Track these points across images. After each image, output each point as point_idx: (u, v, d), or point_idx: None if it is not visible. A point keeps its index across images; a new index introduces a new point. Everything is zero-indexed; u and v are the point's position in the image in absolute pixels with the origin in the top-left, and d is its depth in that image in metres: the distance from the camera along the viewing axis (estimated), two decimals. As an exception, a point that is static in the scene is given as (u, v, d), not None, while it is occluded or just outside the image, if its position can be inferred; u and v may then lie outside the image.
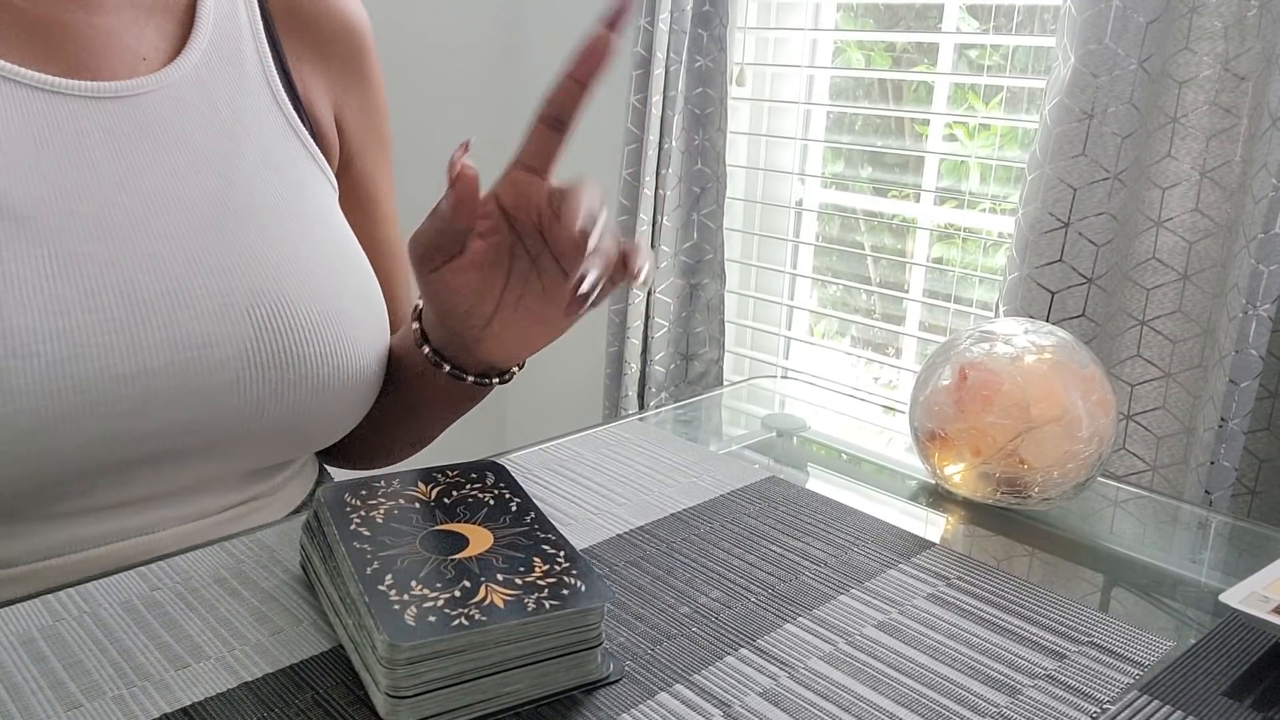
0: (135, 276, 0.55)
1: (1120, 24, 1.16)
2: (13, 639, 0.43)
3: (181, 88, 0.61)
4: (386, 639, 0.37)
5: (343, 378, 0.61)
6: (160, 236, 0.56)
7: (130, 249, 0.55)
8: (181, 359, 0.55)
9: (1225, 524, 0.63)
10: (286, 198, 0.62)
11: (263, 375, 0.58)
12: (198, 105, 0.61)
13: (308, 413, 0.60)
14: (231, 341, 0.57)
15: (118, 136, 0.57)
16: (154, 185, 0.57)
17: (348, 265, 0.64)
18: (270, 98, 0.65)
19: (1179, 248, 1.20)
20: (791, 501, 0.60)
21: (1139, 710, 0.42)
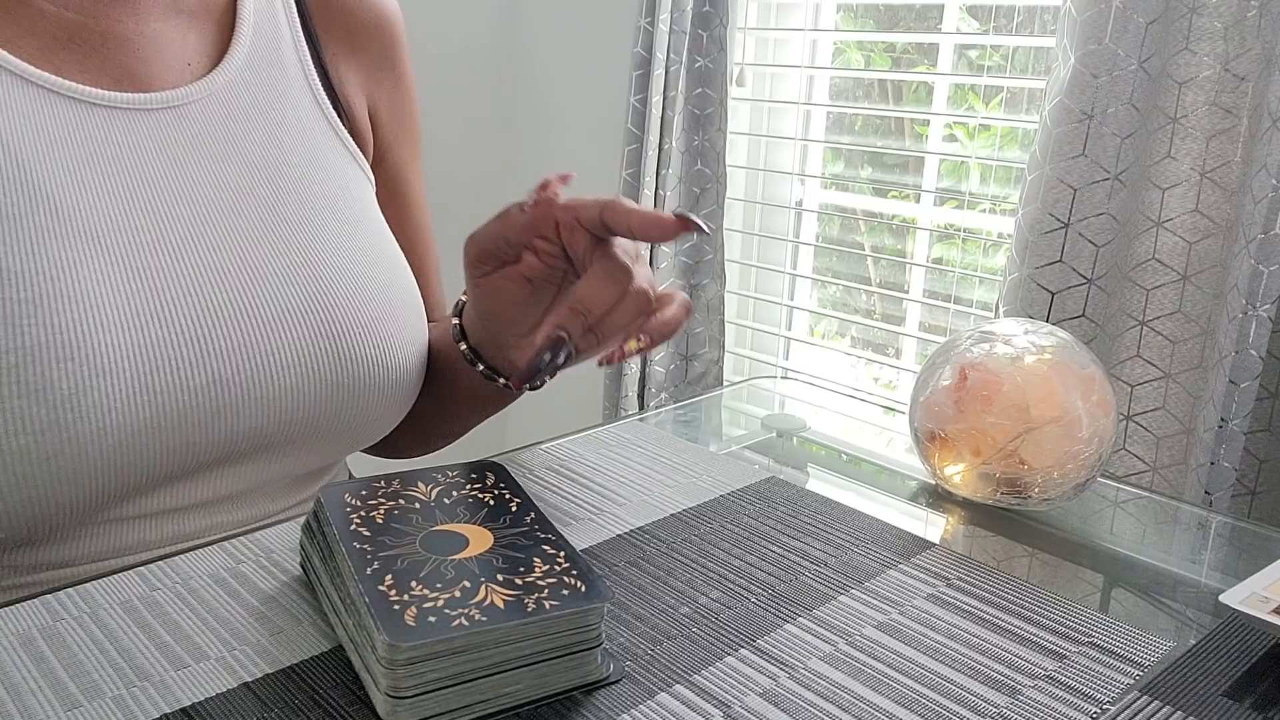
0: (201, 288, 0.56)
1: (1120, 24, 1.16)
2: (13, 639, 0.43)
3: (227, 94, 0.61)
4: (386, 639, 0.37)
5: (390, 378, 0.62)
6: (217, 247, 0.57)
7: (192, 261, 0.56)
8: (249, 367, 0.56)
9: (1225, 524, 0.63)
10: (332, 200, 0.63)
11: (320, 379, 0.59)
12: (244, 111, 0.61)
13: (357, 413, 0.61)
14: (291, 348, 0.58)
15: (170, 148, 0.58)
16: (207, 196, 0.58)
17: (390, 265, 0.65)
18: (311, 98, 0.65)
19: (1179, 248, 1.20)
20: (791, 502, 0.60)
21: (1139, 711, 0.42)
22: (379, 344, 0.61)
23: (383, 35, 0.71)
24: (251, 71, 0.63)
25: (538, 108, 2.06)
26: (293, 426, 0.59)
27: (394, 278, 0.65)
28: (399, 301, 0.64)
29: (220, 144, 0.60)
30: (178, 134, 0.58)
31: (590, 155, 1.97)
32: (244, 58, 0.63)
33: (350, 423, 0.62)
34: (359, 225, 0.64)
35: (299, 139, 0.63)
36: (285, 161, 0.62)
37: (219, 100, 0.60)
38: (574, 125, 2.01)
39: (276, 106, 0.63)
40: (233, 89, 0.61)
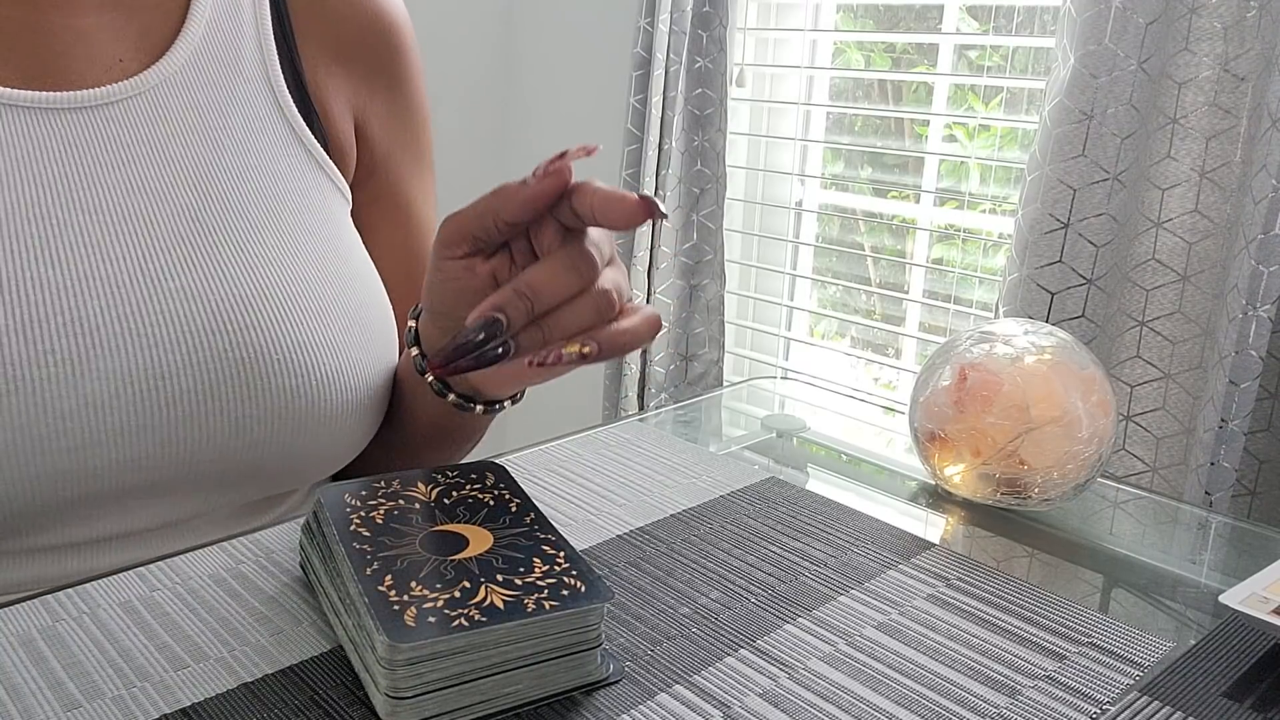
0: (83, 302, 0.51)
1: (1120, 25, 1.16)
2: (12, 639, 0.43)
3: (160, 93, 0.56)
4: (386, 640, 0.37)
5: (321, 411, 0.56)
6: (116, 258, 0.52)
7: (81, 272, 0.51)
8: (130, 392, 0.51)
9: (1225, 525, 0.63)
10: (275, 210, 0.58)
11: (222, 409, 0.53)
12: (178, 112, 0.56)
13: (282, 448, 0.56)
14: (187, 373, 0.53)
15: (79, 150, 0.53)
16: (116, 203, 0.53)
17: (344, 287, 0.59)
18: (271, 101, 0.60)
19: (1179, 248, 1.20)
20: (791, 502, 0.60)
21: (1139, 711, 0.42)
22: (302, 372, 0.55)
23: (379, 45, 0.66)
24: (195, 70, 0.58)
25: (537, 108, 2.06)
26: (191, 459, 0.54)
27: (344, 299, 0.58)
28: (345, 326, 0.58)
29: (142, 146, 0.55)
30: (89, 135, 0.53)
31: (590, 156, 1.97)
32: (188, 55, 0.58)
33: (270, 459, 0.56)
34: (306, 239, 0.58)
35: (244, 144, 0.58)
36: (220, 165, 0.56)
37: (147, 100, 0.55)
38: (574, 125, 2.01)
39: (221, 109, 0.58)
40: (167, 87, 0.56)
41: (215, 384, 0.53)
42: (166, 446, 0.53)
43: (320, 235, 0.60)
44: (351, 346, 0.58)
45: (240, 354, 0.54)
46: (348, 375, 0.58)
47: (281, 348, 0.55)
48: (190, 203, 0.55)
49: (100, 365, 0.51)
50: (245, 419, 0.54)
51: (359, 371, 0.58)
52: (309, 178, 0.61)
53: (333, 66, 0.64)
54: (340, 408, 0.57)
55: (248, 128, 0.59)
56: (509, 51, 2.08)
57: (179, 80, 0.57)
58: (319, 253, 0.59)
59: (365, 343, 0.59)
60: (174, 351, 0.52)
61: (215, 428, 0.54)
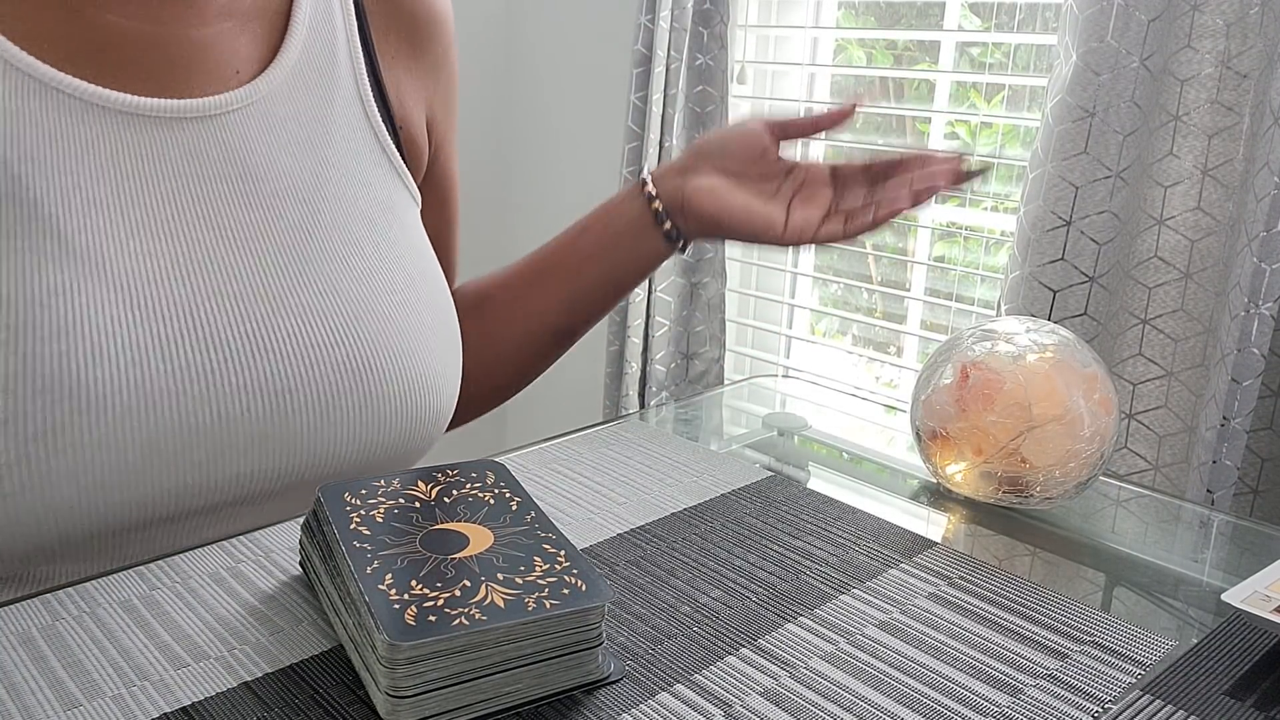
0: (213, 319, 0.52)
1: (1122, 22, 1.16)
2: (12, 638, 0.43)
3: (269, 103, 0.57)
4: (386, 638, 0.37)
5: (418, 414, 0.59)
6: (240, 275, 0.53)
7: (209, 289, 0.52)
8: (259, 406, 0.53)
9: (1227, 523, 0.63)
10: (372, 221, 0.60)
11: (341, 418, 0.56)
12: (286, 121, 0.57)
13: (382, 451, 0.59)
14: (310, 385, 0.54)
15: (201, 163, 0.54)
16: (237, 218, 0.54)
17: (429, 290, 0.62)
18: (361, 110, 0.62)
19: (1181, 246, 1.20)
20: (792, 501, 0.60)
21: (1141, 710, 0.42)
22: (407, 380, 0.58)
23: (439, 36, 0.69)
24: (299, 78, 0.59)
25: (538, 105, 2.06)
26: (305, 467, 0.56)
27: (429, 305, 0.62)
28: (432, 331, 0.61)
29: (255, 159, 0.56)
30: (210, 146, 0.54)
31: (591, 153, 1.97)
32: (293, 63, 0.59)
33: (370, 461, 0.59)
34: (400, 251, 0.61)
35: (344, 154, 0.59)
36: (326, 179, 0.58)
37: (258, 110, 0.56)
38: (574, 123, 2.01)
39: (323, 117, 0.59)
40: (276, 97, 0.57)
41: (334, 395, 0.55)
42: (290, 457, 0.55)
43: (405, 243, 0.62)
44: (439, 347, 0.61)
45: (354, 365, 0.56)
46: (439, 375, 0.61)
47: (390, 356, 0.58)
48: (301, 217, 0.56)
49: (231, 381, 0.52)
50: (362, 426, 0.57)
51: (446, 370, 0.62)
52: (392, 185, 0.63)
53: (408, 62, 0.66)
54: (433, 407, 0.61)
55: (344, 138, 0.60)
56: (510, 49, 2.08)
57: (285, 89, 0.58)
58: (408, 259, 0.61)
59: (446, 341, 0.63)
60: (296, 365, 0.54)
61: (336, 436, 0.56)
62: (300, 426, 0.54)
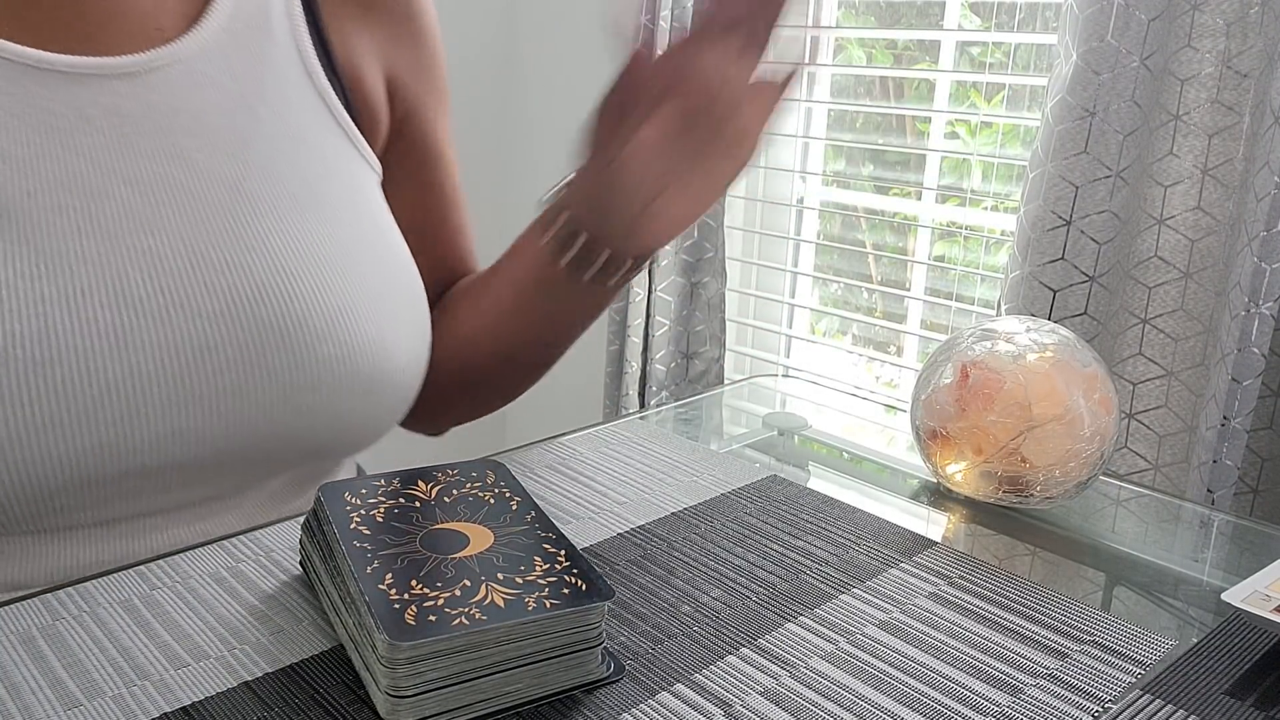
0: (127, 275, 0.51)
1: (1122, 21, 1.16)
2: (12, 638, 0.43)
3: (198, 61, 0.56)
4: (386, 638, 0.37)
5: (366, 379, 0.57)
6: (159, 230, 0.52)
7: (125, 245, 0.51)
8: (176, 364, 0.51)
9: (1227, 523, 0.63)
10: (311, 181, 0.58)
11: (268, 378, 0.54)
12: (216, 80, 0.56)
13: (324, 418, 0.56)
14: (234, 344, 0.53)
15: (123, 119, 0.53)
16: (159, 173, 0.53)
17: (378, 256, 0.60)
18: (301, 70, 0.59)
19: (1181, 245, 1.20)
20: (793, 500, 0.60)
21: (1141, 709, 0.42)
22: (347, 341, 0.56)
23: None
24: (230, 37, 0.57)
25: (538, 106, 2.06)
26: (237, 431, 0.54)
27: (381, 268, 0.59)
28: (384, 294, 0.58)
29: (182, 116, 0.54)
30: (132, 104, 0.53)
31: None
32: (223, 21, 0.57)
33: (315, 430, 0.56)
34: (342, 209, 0.58)
35: (279, 113, 0.57)
36: (259, 134, 0.56)
37: (186, 68, 0.55)
38: (574, 124, 2.01)
39: (256, 77, 0.57)
40: (205, 55, 0.56)
41: (260, 354, 0.54)
42: (213, 418, 0.53)
43: (352, 204, 0.60)
44: (388, 313, 0.59)
45: (285, 324, 0.54)
46: (387, 341, 0.58)
47: (324, 316, 0.55)
48: (230, 173, 0.55)
49: (145, 337, 0.51)
50: (291, 388, 0.55)
51: (397, 337, 0.59)
52: (338, 147, 0.61)
53: (359, 24, 0.64)
54: (381, 373, 0.58)
55: (281, 97, 0.58)
56: (510, 50, 2.08)
57: (215, 48, 0.57)
58: (352, 221, 0.59)
59: (401, 309, 0.60)
60: (219, 323, 0.53)
61: (262, 398, 0.54)
62: (224, 387, 0.53)
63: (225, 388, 0.53)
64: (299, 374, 0.55)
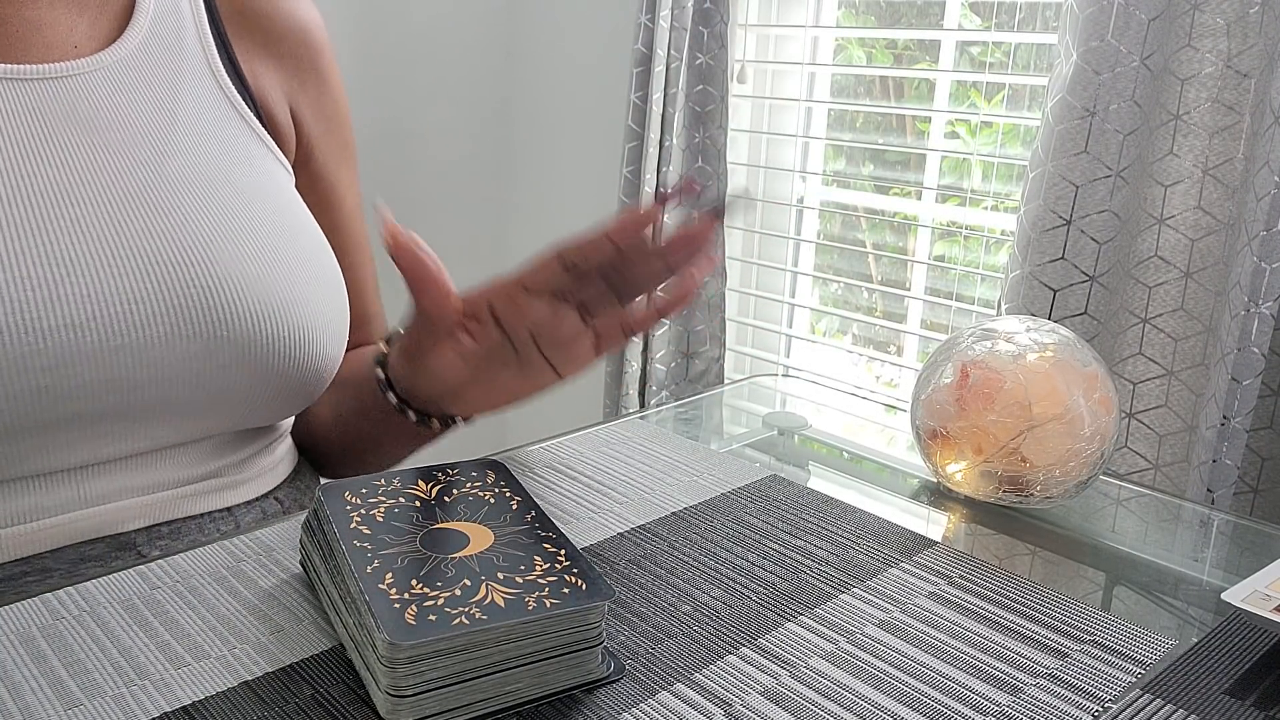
0: (55, 238, 0.54)
1: (1122, 21, 1.16)
2: (13, 637, 0.43)
3: (116, 70, 0.60)
4: (387, 638, 0.37)
5: (283, 337, 0.61)
6: (84, 201, 0.56)
7: (52, 214, 0.55)
8: (106, 313, 0.55)
9: (1227, 522, 0.63)
10: (227, 169, 0.62)
11: (194, 333, 0.57)
12: (133, 86, 0.60)
13: (248, 375, 0.60)
14: (160, 298, 0.56)
15: (44, 117, 0.57)
16: (82, 158, 0.57)
17: (295, 240, 0.63)
18: (214, 83, 0.64)
19: (1181, 245, 1.20)
20: (793, 500, 0.60)
21: (1141, 709, 0.42)
22: (264, 310, 0.60)
23: (301, 43, 0.71)
24: (145, 54, 0.62)
25: (538, 105, 2.06)
26: (165, 381, 0.57)
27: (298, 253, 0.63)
28: (301, 277, 0.62)
29: (103, 113, 0.58)
30: (52, 104, 0.57)
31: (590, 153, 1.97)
32: (139, 43, 0.62)
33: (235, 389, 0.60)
34: (258, 197, 0.62)
35: (194, 115, 0.62)
36: (175, 131, 0.61)
37: (105, 76, 0.59)
38: (574, 122, 2.01)
39: (172, 85, 0.62)
40: (121, 66, 0.60)
41: (184, 309, 0.57)
42: (141, 368, 0.56)
43: (268, 192, 0.64)
44: (305, 284, 0.63)
45: (205, 282, 0.58)
46: (303, 308, 0.62)
47: (242, 278, 0.59)
48: (150, 158, 0.59)
49: (74, 290, 0.54)
50: (214, 342, 0.58)
51: (313, 307, 0.63)
52: (252, 147, 0.65)
53: (266, 61, 0.69)
54: (298, 335, 0.62)
55: (196, 103, 0.63)
56: (509, 48, 2.08)
57: (132, 61, 0.61)
58: (270, 209, 0.63)
59: (317, 282, 0.64)
60: (145, 279, 0.56)
61: (187, 350, 0.57)
62: (150, 338, 0.56)
63: (154, 338, 0.56)
64: (221, 329, 0.58)
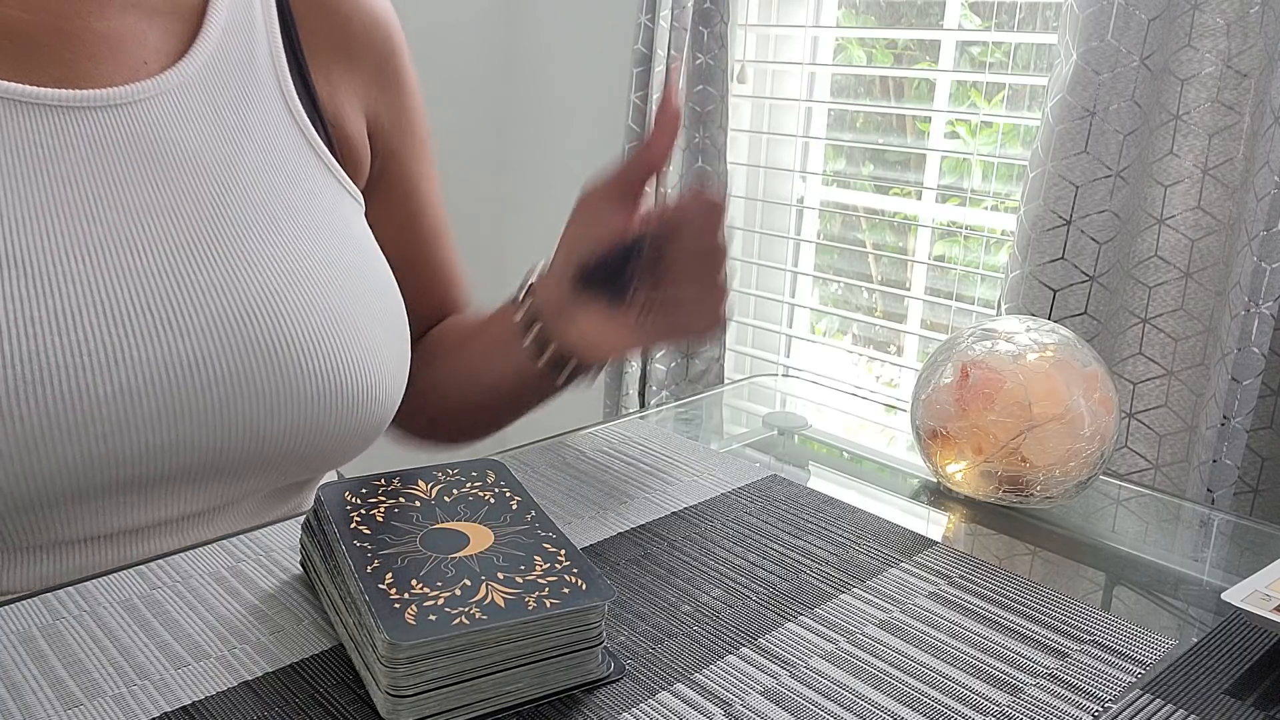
0: (115, 294, 0.52)
1: (1122, 21, 1.16)
2: (13, 637, 0.43)
3: (181, 93, 0.58)
4: (387, 638, 0.37)
5: (347, 394, 0.58)
6: (145, 250, 0.54)
7: (112, 265, 0.53)
8: (165, 379, 0.53)
9: (1227, 522, 0.63)
10: (293, 205, 0.59)
11: (256, 392, 0.55)
12: (198, 111, 0.58)
13: (311, 431, 0.58)
14: (222, 360, 0.54)
15: (105, 148, 0.54)
16: (142, 198, 0.55)
17: (360, 277, 0.61)
18: (284, 108, 0.62)
19: (1181, 245, 1.20)
20: (793, 500, 0.60)
21: (1141, 709, 0.42)
22: (330, 356, 0.57)
23: (381, 45, 0.68)
24: (213, 72, 0.59)
25: (538, 104, 2.06)
26: (225, 444, 0.55)
27: (363, 291, 0.61)
28: (366, 315, 0.60)
29: (164, 144, 0.56)
30: (114, 134, 0.55)
31: (590, 152, 1.97)
32: (207, 58, 0.59)
33: (299, 442, 0.58)
34: (326, 234, 0.60)
35: (261, 143, 0.60)
36: (240, 159, 0.58)
37: (169, 100, 0.57)
38: (574, 122, 2.01)
39: (239, 109, 0.59)
40: (188, 88, 0.58)
41: (246, 370, 0.55)
42: (200, 431, 0.54)
43: (335, 230, 0.62)
44: (370, 333, 0.60)
45: (269, 341, 0.55)
46: (369, 360, 0.60)
47: (308, 334, 0.57)
48: (214, 196, 0.57)
49: (134, 354, 0.52)
50: (276, 404, 0.56)
51: (378, 357, 0.61)
52: (320, 180, 0.62)
53: (342, 68, 0.66)
54: (363, 390, 0.59)
55: (264, 130, 0.60)
56: (509, 49, 2.08)
57: (198, 81, 0.58)
58: (335, 246, 0.61)
59: (382, 330, 0.62)
60: (205, 339, 0.54)
61: (248, 413, 0.55)
62: (213, 401, 0.54)
63: (213, 402, 0.54)
64: (284, 388, 0.56)
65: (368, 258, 0.63)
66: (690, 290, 0.59)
